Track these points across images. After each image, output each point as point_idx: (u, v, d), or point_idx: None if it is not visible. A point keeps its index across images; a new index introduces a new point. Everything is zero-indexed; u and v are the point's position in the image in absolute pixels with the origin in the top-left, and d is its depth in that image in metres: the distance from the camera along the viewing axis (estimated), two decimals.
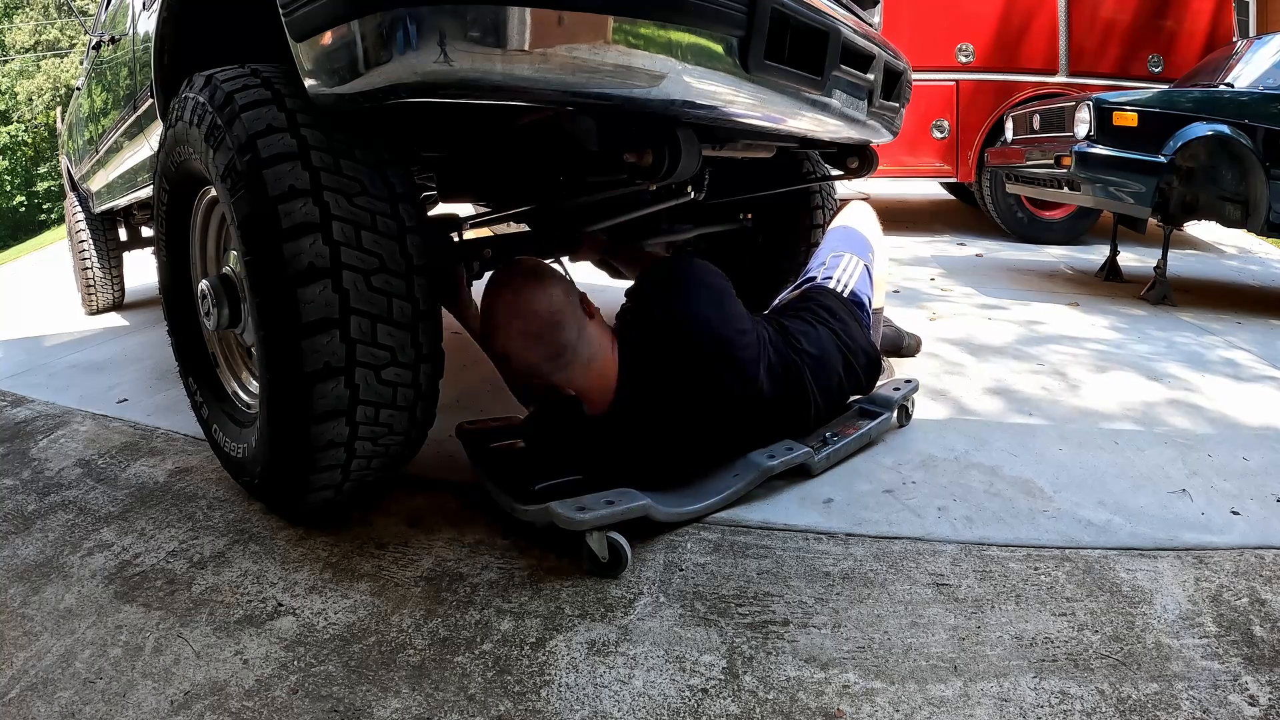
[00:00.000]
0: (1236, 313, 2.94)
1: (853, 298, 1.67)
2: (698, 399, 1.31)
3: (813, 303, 1.64)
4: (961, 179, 4.82)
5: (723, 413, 1.34)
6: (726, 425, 1.35)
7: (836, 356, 1.53)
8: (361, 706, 0.91)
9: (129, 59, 1.90)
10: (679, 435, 1.33)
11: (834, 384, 1.53)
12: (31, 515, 1.42)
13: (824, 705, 0.90)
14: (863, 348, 1.60)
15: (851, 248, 1.76)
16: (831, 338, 1.54)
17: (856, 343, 1.59)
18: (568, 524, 1.13)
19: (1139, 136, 2.95)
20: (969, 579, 1.15)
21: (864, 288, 1.70)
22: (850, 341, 1.57)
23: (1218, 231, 5.04)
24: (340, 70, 0.92)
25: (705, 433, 1.35)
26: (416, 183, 1.44)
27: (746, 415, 1.36)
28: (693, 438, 1.34)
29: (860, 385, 1.62)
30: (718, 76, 1.02)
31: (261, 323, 1.08)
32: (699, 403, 1.31)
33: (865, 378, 1.62)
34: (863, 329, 1.64)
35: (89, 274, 3.36)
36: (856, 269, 1.71)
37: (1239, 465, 1.53)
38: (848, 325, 1.60)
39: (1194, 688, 0.93)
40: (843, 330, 1.57)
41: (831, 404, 1.56)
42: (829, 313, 1.60)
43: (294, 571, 1.18)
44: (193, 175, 1.30)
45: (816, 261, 1.76)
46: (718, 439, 1.38)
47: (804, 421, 1.49)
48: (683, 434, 1.33)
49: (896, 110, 1.75)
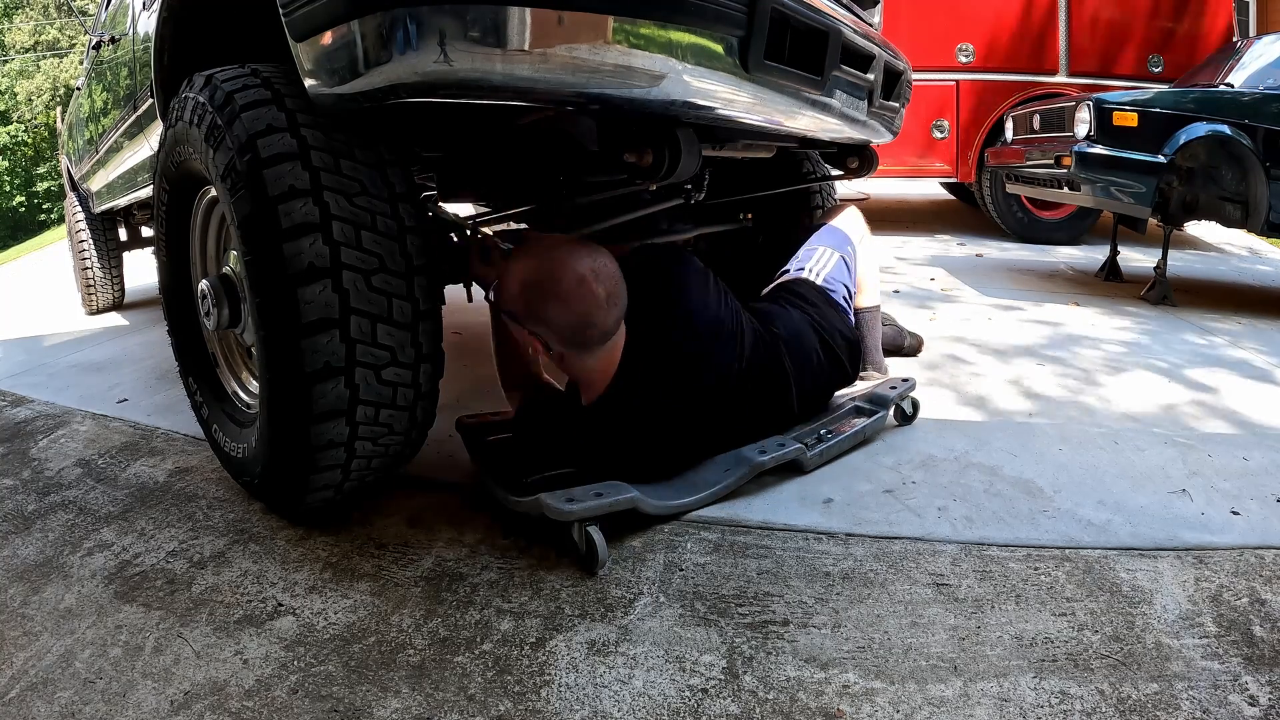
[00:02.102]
0: (1237, 312, 2.94)
1: (826, 284, 1.70)
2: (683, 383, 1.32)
3: (784, 291, 1.67)
4: (961, 179, 4.82)
5: (706, 394, 1.35)
6: (710, 405, 1.36)
7: (811, 336, 1.55)
8: (361, 706, 0.91)
9: (129, 59, 1.90)
10: (666, 418, 1.33)
11: (813, 363, 1.54)
12: (31, 515, 1.42)
13: (824, 705, 0.90)
14: (839, 330, 1.62)
15: (825, 242, 1.78)
16: (804, 319, 1.56)
17: (832, 324, 1.60)
18: (556, 515, 1.15)
19: (1139, 136, 2.95)
20: (969, 579, 1.15)
21: (839, 275, 1.72)
22: (825, 323, 1.59)
23: (1218, 231, 5.04)
24: (340, 70, 0.92)
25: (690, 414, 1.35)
26: (416, 183, 1.44)
27: (727, 394, 1.38)
28: (679, 419, 1.35)
29: (844, 367, 1.63)
30: (718, 76, 1.03)
31: (261, 323, 1.08)
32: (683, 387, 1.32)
33: (847, 360, 1.63)
34: (838, 314, 1.66)
35: (89, 274, 3.36)
36: (830, 259, 1.74)
37: (1239, 465, 1.53)
38: (821, 310, 1.62)
39: (1194, 688, 0.93)
40: (816, 313, 1.60)
41: (815, 384, 1.57)
42: (800, 298, 1.63)
43: (294, 571, 1.18)
44: (193, 175, 1.30)
45: (794, 264, 1.79)
46: (702, 421, 1.38)
47: (786, 403, 1.50)
48: (669, 416, 1.33)
49: (896, 110, 1.75)
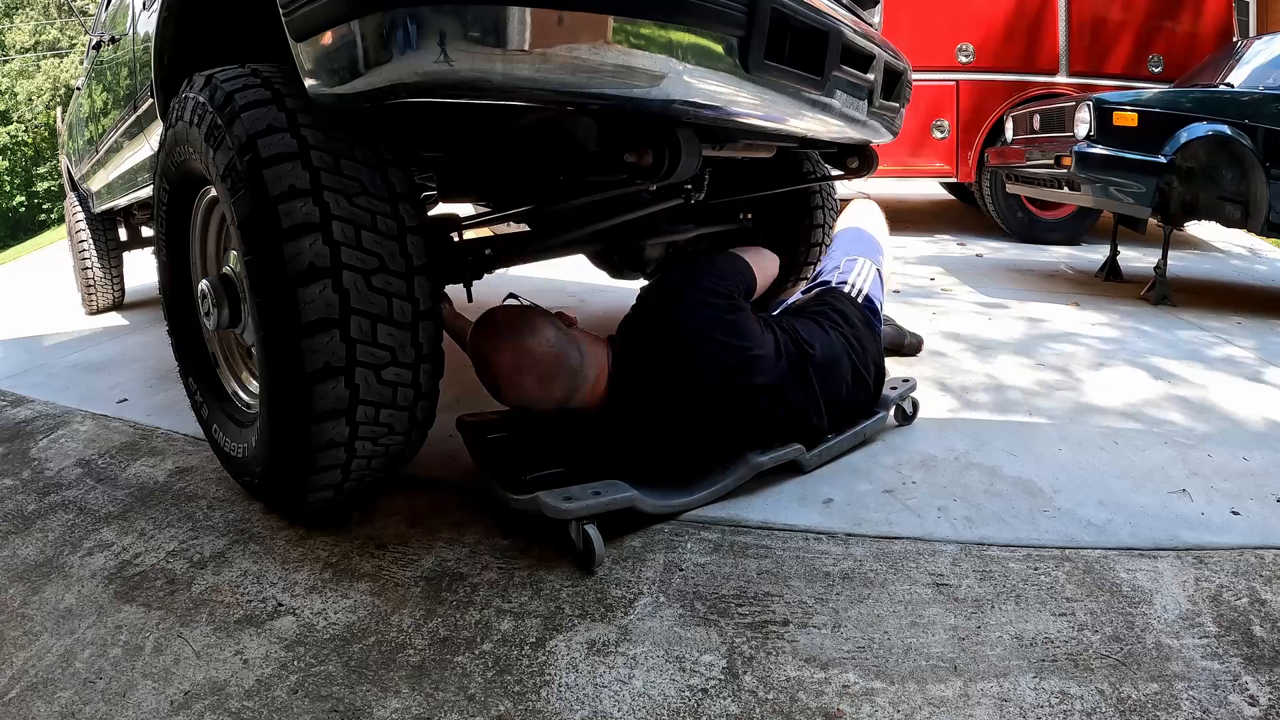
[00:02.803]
0: (1237, 312, 2.94)
1: (867, 304, 1.63)
2: (692, 408, 1.32)
3: (828, 306, 1.58)
4: (962, 179, 4.82)
5: (719, 421, 1.35)
6: (722, 431, 1.36)
7: (846, 364, 1.48)
8: (361, 706, 0.91)
9: (129, 59, 1.90)
10: (670, 435, 1.35)
11: (842, 395, 1.48)
12: (31, 515, 1.42)
13: (824, 705, 0.90)
14: (874, 359, 1.56)
15: (864, 251, 1.72)
16: (843, 344, 1.49)
17: (868, 353, 1.54)
18: (554, 513, 1.15)
19: (1139, 136, 2.95)
20: (969, 579, 1.15)
21: (877, 292, 1.67)
22: (862, 350, 1.52)
23: (1218, 231, 5.04)
24: (340, 70, 0.92)
25: (697, 435, 1.36)
26: (416, 183, 1.44)
27: (743, 425, 1.37)
28: (683, 438, 1.36)
29: (871, 398, 1.58)
30: (718, 76, 1.02)
31: (262, 323, 1.08)
32: (692, 410, 1.32)
33: (874, 387, 1.58)
34: (875, 338, 1.59)
35: (89, 274, 3.35)
36: (870, 273, 1.68)
37: (1239, 465, 1.53)
38: (860, 333, 1.54)
39: (1194, 688, 0.93)
40: (854, 336, 1.52)
41: (837, 414, 1.50)
42: (843, 318, 1.55)
43: (294, 571, 1.18)
44: (193, 175, 1.30)
45: (830, 264, 1.73)
46: (711, 440, 1.38)
47: (809, 423, 1.45)
48: (674, 434, 1.35)
49: (897, 110, 1.75)
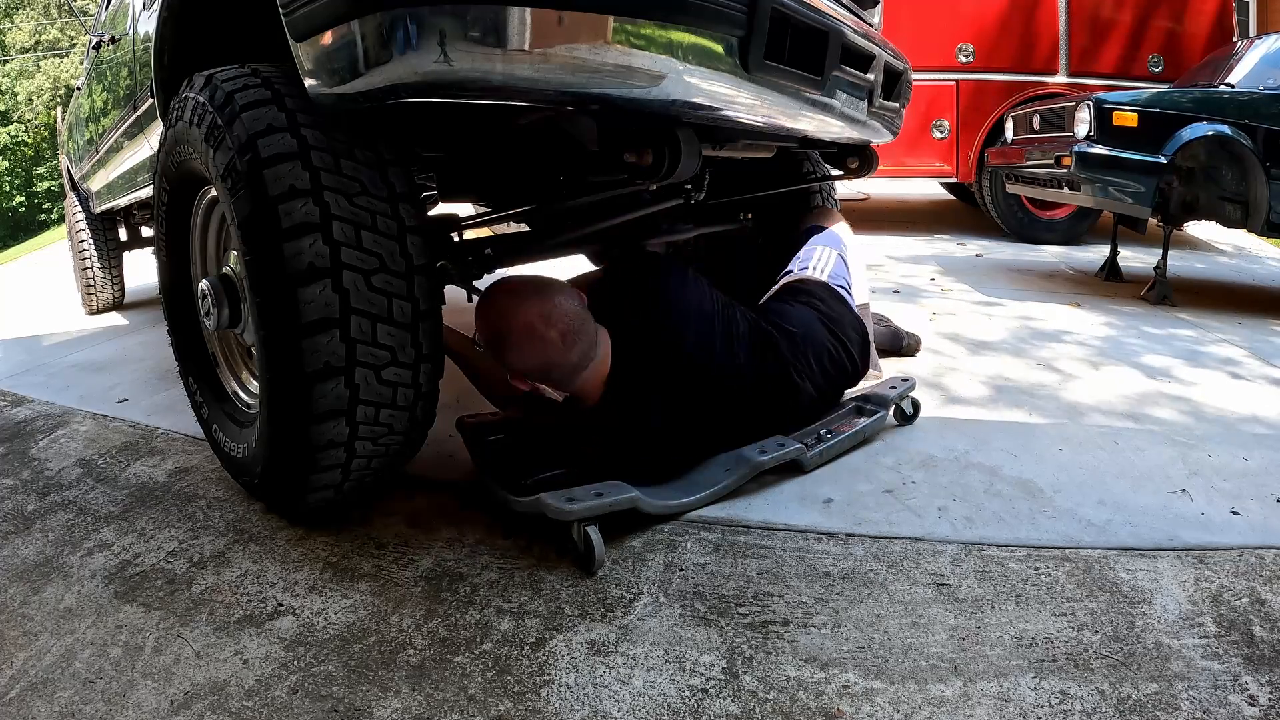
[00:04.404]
0: (1237, 312, 2.94)
1: (833, 280, 1.71)
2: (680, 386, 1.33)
3: (790, 290, 1.68)
4: (961, 179, 4.82)
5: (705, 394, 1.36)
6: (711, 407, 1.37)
7: (821, 329, 1.55)
8: (361, 706, 0.91)
9: (129, 59, 1.90)
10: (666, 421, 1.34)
11: (825, 359, 1.54)
12: (31, 515, 1.42)
13: (824, 705, 0.90)
14: (850, 323, 1.62)
15: (822, 242, 1.81)
16: (813, 314, 1.57)
17: (843, 317, 1.61)
18: (557, 514, 1.15)
19: (1139, 136, 2.95)
20: (969, 579, 1.15)
21: (841, 272, 1.74)
22: (835, 315, 1.60)
23: (1218, 231, 5.04)
24: (340, 70, 0.92)
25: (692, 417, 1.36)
26: (416, 183, 1.44)
27: (729, 397, 1.38)
28: (680, 423, 1.35)
29: (855, 361, 1.63)
30: (718, 76, 1.02)
31: (262, 323, 1.08)
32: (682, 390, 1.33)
33: (858, 352, 1.63)
34: (846, 308, 1.67)
35: (89, 274, 3.36)
36: (830, 256, 1.76)
37: (1239, 465, 1.53)
38: (829, 304, 1.63)
39: (1194, 688, 0.93)
40: (824, 308, 1.60)
41: (826, 379, 1.56)
42: (808, 294, 1.64)
43: (294, 571, 1.18)
44: (193, 175, 1.30)
45: (794, 262, 1.81)
46: (704, 424, 1.39)
47: (793, 401, 1.50)
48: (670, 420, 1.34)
49: (897, 110, 1.75)
